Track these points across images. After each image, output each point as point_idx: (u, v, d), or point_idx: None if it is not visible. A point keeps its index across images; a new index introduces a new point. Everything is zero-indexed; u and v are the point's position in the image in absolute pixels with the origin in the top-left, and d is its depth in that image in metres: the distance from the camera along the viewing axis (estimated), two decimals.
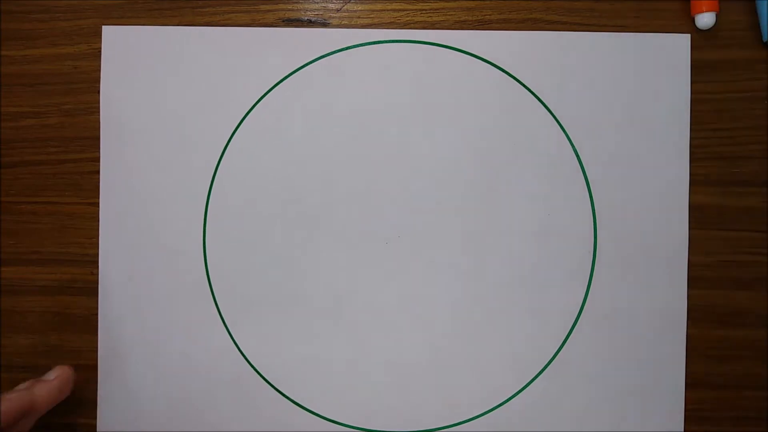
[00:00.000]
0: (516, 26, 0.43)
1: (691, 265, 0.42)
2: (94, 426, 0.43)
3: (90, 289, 0.43)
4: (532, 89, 0.43)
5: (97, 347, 0.43)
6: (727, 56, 0.43)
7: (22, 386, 0.38)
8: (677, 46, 0.42)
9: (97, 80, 0.43)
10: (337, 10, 0.43)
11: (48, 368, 0.43)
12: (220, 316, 0.43)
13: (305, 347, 0.43)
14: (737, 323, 0.43)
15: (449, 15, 0.43)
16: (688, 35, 0.42)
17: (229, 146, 0.43)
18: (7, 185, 0.44)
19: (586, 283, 0.42)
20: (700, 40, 0.43)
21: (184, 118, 0.43)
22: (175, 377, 0.43)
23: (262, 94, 0.43)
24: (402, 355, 0.43)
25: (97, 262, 0.43)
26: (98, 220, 0.43)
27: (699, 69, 0.42)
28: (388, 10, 0.43)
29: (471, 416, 0.42)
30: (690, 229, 0.42)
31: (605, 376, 0.42)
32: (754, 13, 0.42)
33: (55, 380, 0.39)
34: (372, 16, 0.43)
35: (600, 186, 0.42)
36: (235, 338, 0.43)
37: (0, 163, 0.44)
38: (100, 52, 0.43)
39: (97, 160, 0.43)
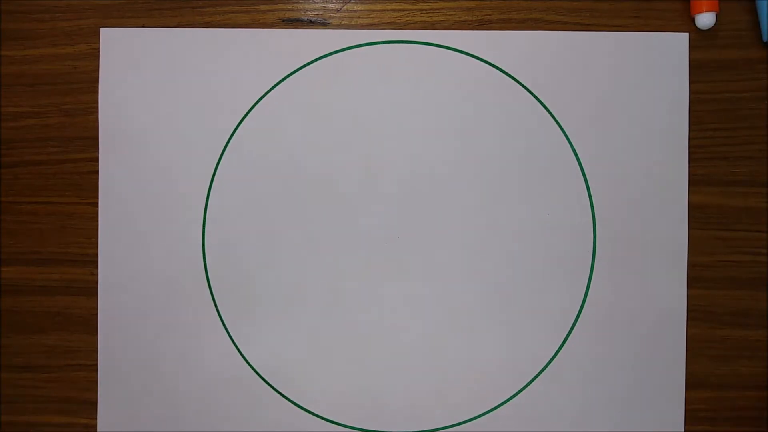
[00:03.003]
0: (516, 26, 0.43)
1: (691, 265, 0.42)
2: (94, 426, 0.43)
3: (90, 289, 0.43)
4: (531, 89, 0.43)
5: (97, 347, 0.43)
6: (727, 56, 0.43)
7: None
8: (676, 46, 0.42)
9: (97, 80, 0.43)
10: (337, 10, 0.43)
11: (47, 368, 0.44)
12: (219, 316, 0.43)
13: (304, 347, 0.43)
14: (737, 323, 0.43)
15: (449, 15, 0.43)
16: (687, 34, 0.42)
17: (228, 146, 0.43)
18: (7, 185, 0.44)
19: (586, 283, 0.42)
20: (700, 39, 0.43)
21: (183, 118, 0.43)
22: (174, 377, 0.43)
23: (262, 94, 0.43)
24: (401, 355, 0.43)
25: (97, 262, 0.43)
26: (98, 220, 0.43)
27: (699, 69, 0.42)
28: (388, 10, 0.43)
29: (471, 416, 0.42)
30: (690, 229, 0.42)
31: (605, 376, 0.42)
32: (754, 13, 0.42)
33: None
34: (372, 16, 0.43)
35: (599, 186, 0.42)
36: (234, 338, 0.43)
37: (0, 163, 0.44)
38: (99, 52, 0.43)
39: (97, 160, 0.43)
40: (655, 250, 0.42)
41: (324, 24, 0.43)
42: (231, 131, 0.43)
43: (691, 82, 0.42)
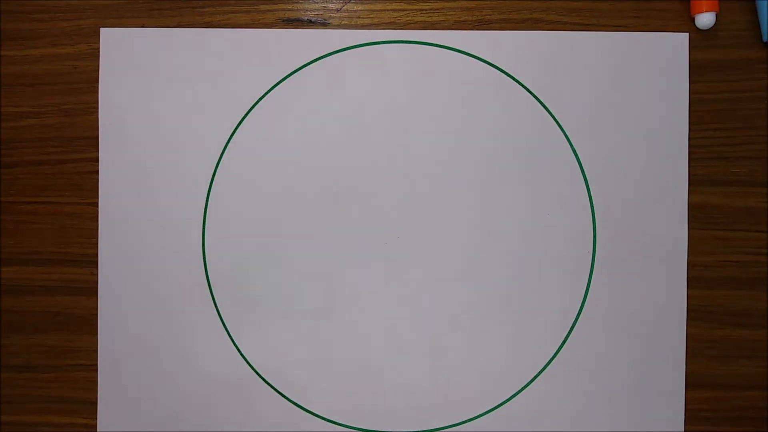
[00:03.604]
0: (516, 26, 0.43)
1: (691, 265, 0.42)
2: (94, 426, 0.43)
3: (90, 289, 0.43)
4: (531, 89, 0.43)
5: (97, 347, 0.43)
6: (727, 56, 0.43)
7: None
8: (676, 46, 0.42)
9: (97, 80, 0.43)
10: (337, 10, 0.43)
11: (47, 368, 0.44)
12: (219, 316, 0.43)
13: (304, 347, 0.43)
14: (737, 323, 0.43)
15: (449, 15, 0.43)
16: (687, 34, 0.42)
17: (228, 146, 0.43)
18: (7, 185, 0.44)
19: (586, 283, 0.42)
20: (700, 39, 0.43)
21: (183, 118, 0.43)
22: (174, 378, 0.43)
23: (262, 94, 0.43)
24: (402, 356, 0.43)
25: (97, 262, 0.43)
26: (98, 220, 0.43)
27: (699, 69, 0.42)
28: (388, 10, 0.43)
29: (471, 416, 0.42)
30: (690, 229, 0.42)
31: (605, 376, 0.42)
32: (754, 13, 0.42)
33: None
34: (372, 16, 0.43)
35: (599, 186, 0.42)
36: (234, 338, 0.43)
37: (0, 163, 0.44)
38: (99, 52, 0.43)
39: (97, 160, 0.43)
40: (655, 250, 0.42)
41: (324, 24, 0.43)
42: (231, 131, 0.43)
43: (691, 82, 0.42)
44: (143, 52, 0.43)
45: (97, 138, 0.43)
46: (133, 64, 0.43)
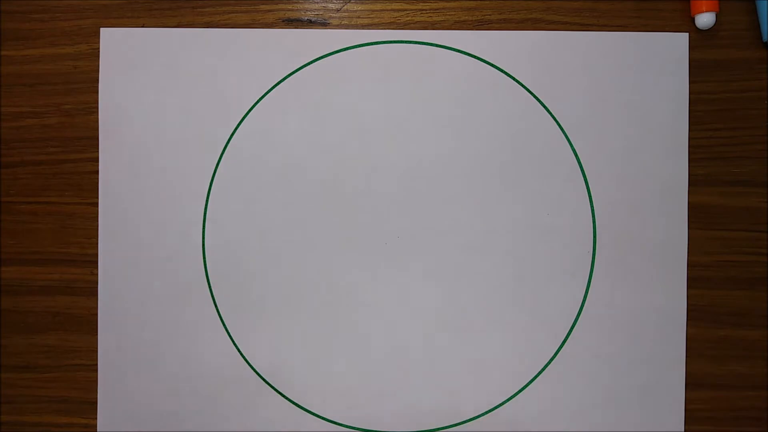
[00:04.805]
0: (516, 26, 0.43)
1: (691, 265, 0.42)
2: (94, 426, 0.43)
3: (90, 289, 0.43)
4: (531, 89, 0.43)
5: (97, 347, 0.43)
6: (727, 56, 0.43)
7: None
8: (676, 45, 0.42)
9: (97, 80, 0.43)
10: (337, 10, 0.43)
11: (47, 368, 0.44)
12: (219, 316, 0.43)
13: (304, 347, 0.43)
14: (737, 323, 0.43)
15: (449, 15, 0.43)
16: (686, 34, 0.42)
17: (228, 146, 0.43)
18: (7, 185, 0.44)
19: (586, 283, 0.42)
20: (700, 39, 0.43)
21: (183, 118, 0.43)
22: (174, 378, 0.43)
23: (262, 94, 0.43)
24: (402, 356, 0.43)
25: (97, 262, 0.43)
26: (98, 220, 0.43)
27: (699, 69, 0.42)
28: (388, 10, 0.43)
29: (471, 416, 0.42)
30: (690, 229, 0.42)
31: (605, 376, 0.42)
32: (754, 13, 0.42)
33: None
34: (372, 16, 0.43)
35: (599, 186, 0.42)
36: (234, 338, 0.43)
37: (0, 163, 0.44)
38: (99, 52, 0.43)
39: (97, 160, 0.43)
40: (655, 250, 0.42)
41: (324, 24, 0.43)
42: (231, 131, 0.43)
43: (691, 82, 0.42)
44: (143, 52, 0.43)
45: (97, 138, 0.43)
46: (133, 64, 0.43)
